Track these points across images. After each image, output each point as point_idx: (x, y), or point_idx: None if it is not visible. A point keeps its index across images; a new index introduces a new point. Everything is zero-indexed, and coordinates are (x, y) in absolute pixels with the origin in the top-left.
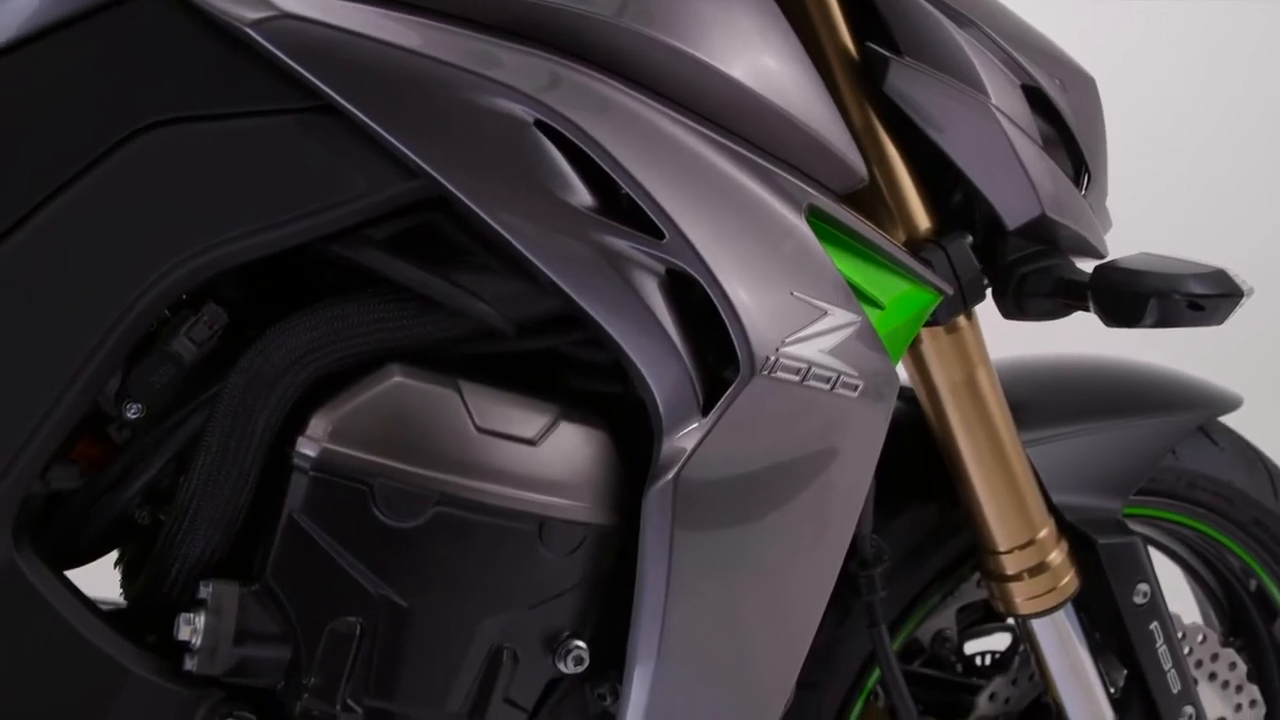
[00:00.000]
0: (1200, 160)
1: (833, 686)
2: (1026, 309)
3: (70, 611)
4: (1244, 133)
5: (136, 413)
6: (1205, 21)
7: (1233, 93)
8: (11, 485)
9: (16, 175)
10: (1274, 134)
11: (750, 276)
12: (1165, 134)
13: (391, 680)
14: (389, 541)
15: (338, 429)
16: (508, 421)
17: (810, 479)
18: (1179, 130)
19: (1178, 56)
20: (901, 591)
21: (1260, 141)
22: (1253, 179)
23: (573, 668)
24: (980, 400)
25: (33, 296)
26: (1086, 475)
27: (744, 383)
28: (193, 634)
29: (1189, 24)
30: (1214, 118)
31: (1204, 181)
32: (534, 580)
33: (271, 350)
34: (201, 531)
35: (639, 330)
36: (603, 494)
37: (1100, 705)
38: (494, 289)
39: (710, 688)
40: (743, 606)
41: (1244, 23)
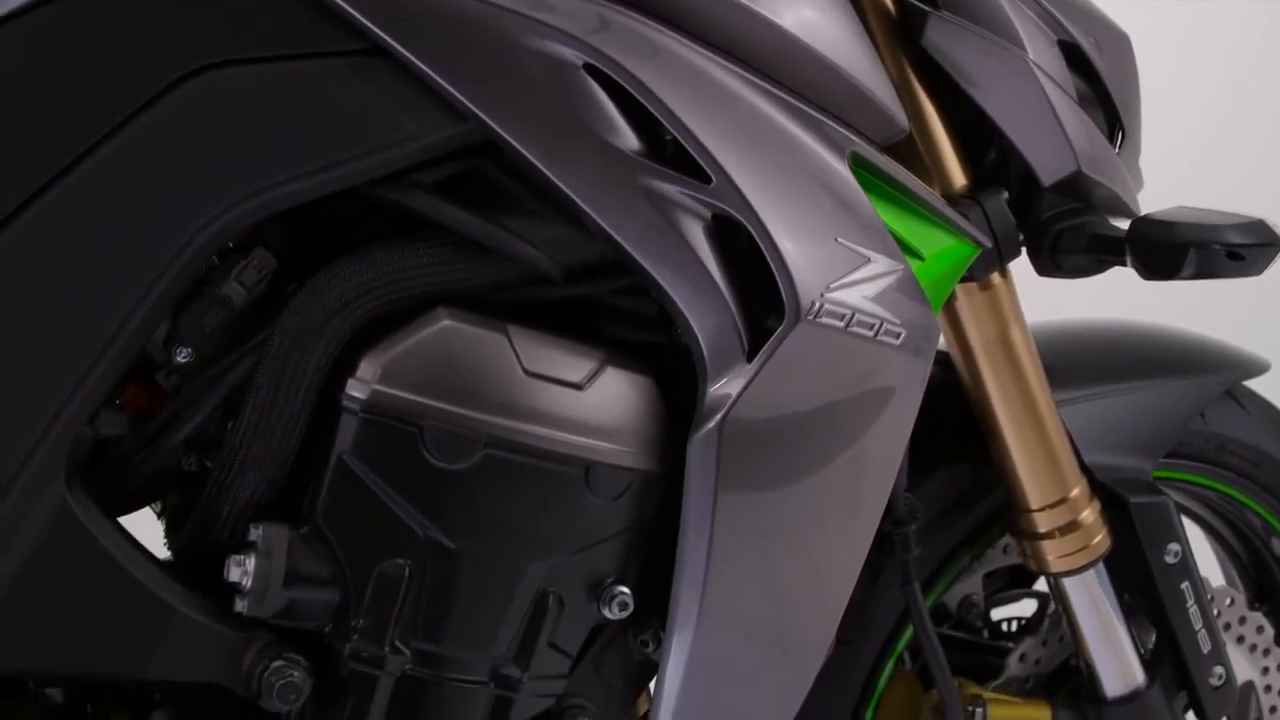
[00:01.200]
0: (1200, 160)
1: (867, 644)
2: (1062, 265)
3: (122, 553)
4: (1244, 133)
5: (186, 357)
6: (1205, 21)
7: (1233, 92)
8: (64, 428)
9: (68, 120)
10: (1274, 134)
11: (795, 221)
12: (1165, 134)
13: (439, 623)
14: (438, 483)
15: (387, 371)
16: (555, 366)
17: (852, 427)
18: (1179, 130)
19: (1177, 56)
20: (931, 553)
21: (1260, 141)
22: (1253, 179)
23: (617, 613)
24: (1014, 357)
25: (84, 241)
26: (1117, 436)
27: (789, 327)
28: (243, 576)
29: (1189, 24)
30: (1214, 118)
31: (1204, 182)
32: (580, 525)
33: (322, 293)
34: (251, 474)
35: (684, 275)
36: (648, 440)
37: (1131, 665)
38: (541, 233)
39: (752, 635)
40: (784, 556)
41: (1244, 23)
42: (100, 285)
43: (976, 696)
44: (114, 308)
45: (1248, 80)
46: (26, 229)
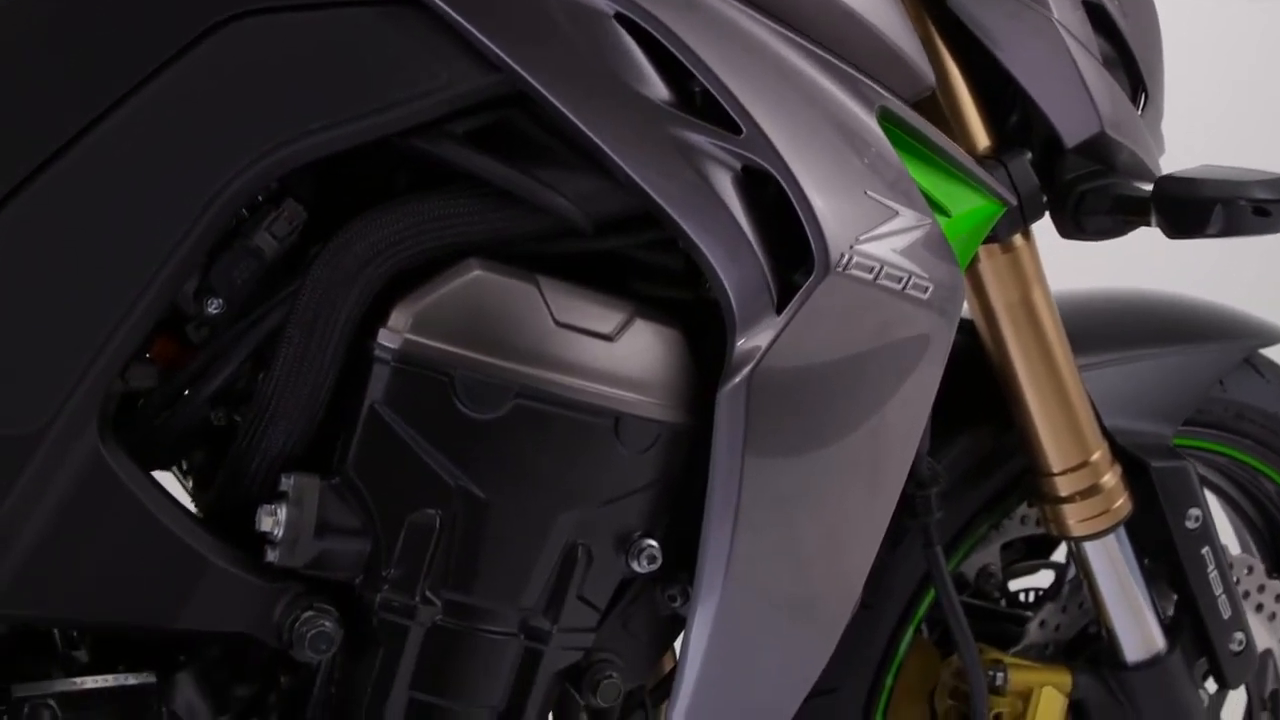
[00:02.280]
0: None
1: (888, 608)
2: (1085, 227)
3: (154, 503)
4: (1244, 132)
5: (218, 308)
6: (1205, 21)
7: (1233, 92)
8: (96, 378)
9: (100, 69)
10: (1275, 134)
11: (825, 173)
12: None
13: (470, 573)
14: (469, 433)
15: (419, 320)
16: (585, 317)
17: (880, 381)
18: (1178, 130)
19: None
20: (950, 520)
21: (1260, 141)
22: None
23: (646, 566)
24: (1036, 320)
25: (117, 190)
26: (1138, 401)
27: (819, 279)
28: (274, 525)
29: (1189, 23)
30: (1214, 117)
31: None
32: (609, 476)
33: (354, 242)
34: (282, 425)
35: (714, 226)
36: (676, 393)
37: (1151, 630)
38: (572, 185)
39: (777, 599)
40: (809, 520)
41: (1244, 22)
42: (132, 236)
43: (997, 661)
44: (145, 258)
45: (1247, 80)
46: (58, 180)
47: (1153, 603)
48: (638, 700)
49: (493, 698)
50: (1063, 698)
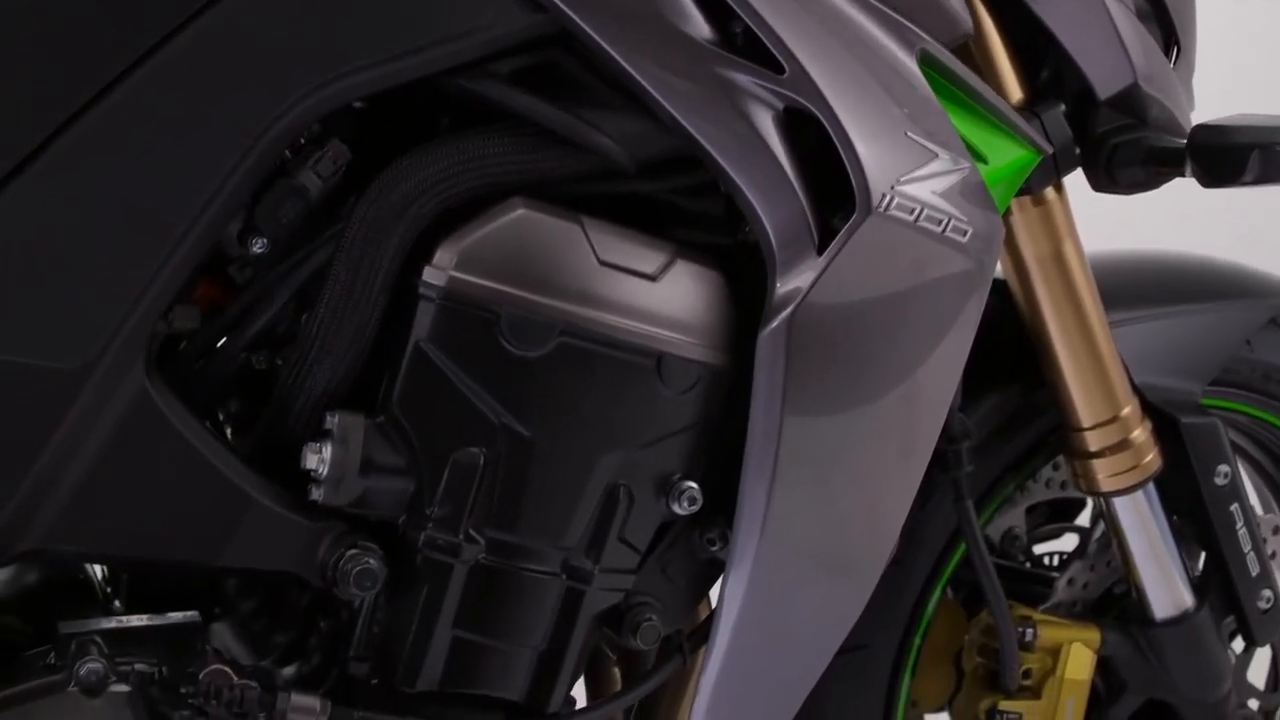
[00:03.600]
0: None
1: (917, 565)
2: (1118, 179)
3: (200, 441)
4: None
5: (262, 248)
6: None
7: (1232, 92)
8: (144, 315)
9: (146, 7)
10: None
11: (867, 114)
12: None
13: (513, 512)
14: (513, 370)
15: (465, 258)
16: (628, 256)
17: (919, 326)
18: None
19: None
20: (978, 479)
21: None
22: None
23: (686, 508)
24: (1068, 274)
25: (162, 129)
26: (1167, 358)
27: (860, 219)
28: (319, 464)
29: None
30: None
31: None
32: (650, 416)
33: (400, 180)
34: (327, 363)
35: (756, 166)
36: (717, 335)
37: (1180, 587)
38: (616, 125)
39: (812, 553)
40: (851, 462)
41: (1244, 23)
42: (178, 174)
43: (1026, 617)
44: (191, 196)
45: (1248, 80)
46: (104, 119)
47: (1181, 560)
48: (675, 645)
49: (535, 637)
50: (1091, 654)
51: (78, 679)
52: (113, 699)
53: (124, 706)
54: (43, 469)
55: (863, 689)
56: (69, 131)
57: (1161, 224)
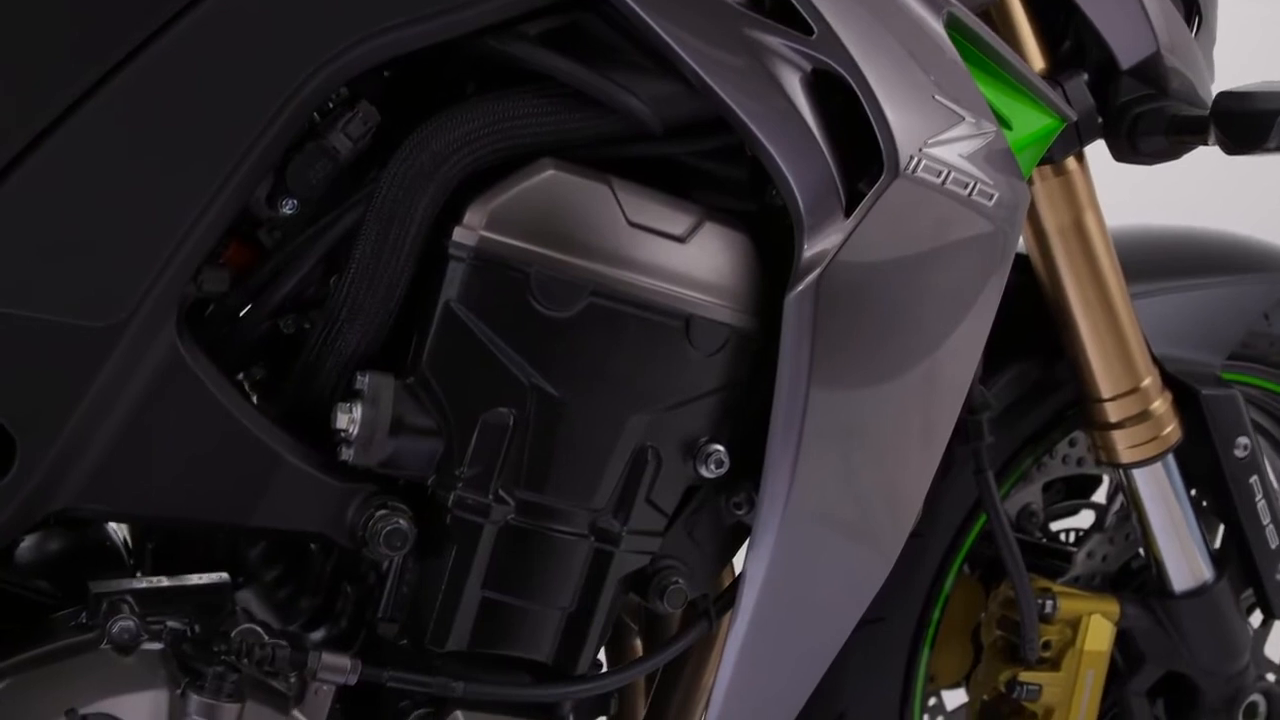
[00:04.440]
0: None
1: (936, 538)
2: (1141, 149)
3: (230, 401)
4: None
5: (292, 208)
6: None
7: None
8: (175, 274)
9: None
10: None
11: (895, 75)
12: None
13: (542, 472)
14: (543, 330)
15: (495, 218)
16: (657, 218)
17: (944, 290)
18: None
19: None
20: (997, 451)
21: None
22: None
23: (713, 471)
24: (1089, 244)
25: (193, 89)
26: (1185, 330)
27: (888, 181)
28: (349, 423)
29: None
30: None
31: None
32: (679, 378)
33: (431, 140)
34: (358, 323)
35: (784, 128)
36: (745, 297)
37: (1199, 559)
38: (645, 87)
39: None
40: (877, 427)
41: (1244, 22)
42: (209, 134)
43: (1046, 589)
44: (222, 156)
45: (1248, 79)
46: (135, 79)
47: (1200, 532)
48: (701, 610)
49: (563, 598)
50: (1111, 626)
51: (110, 637)
52: (145, 657)
53: (156, 664)
54: (75, 428)
55: (882, 662)
56: (100, 92)
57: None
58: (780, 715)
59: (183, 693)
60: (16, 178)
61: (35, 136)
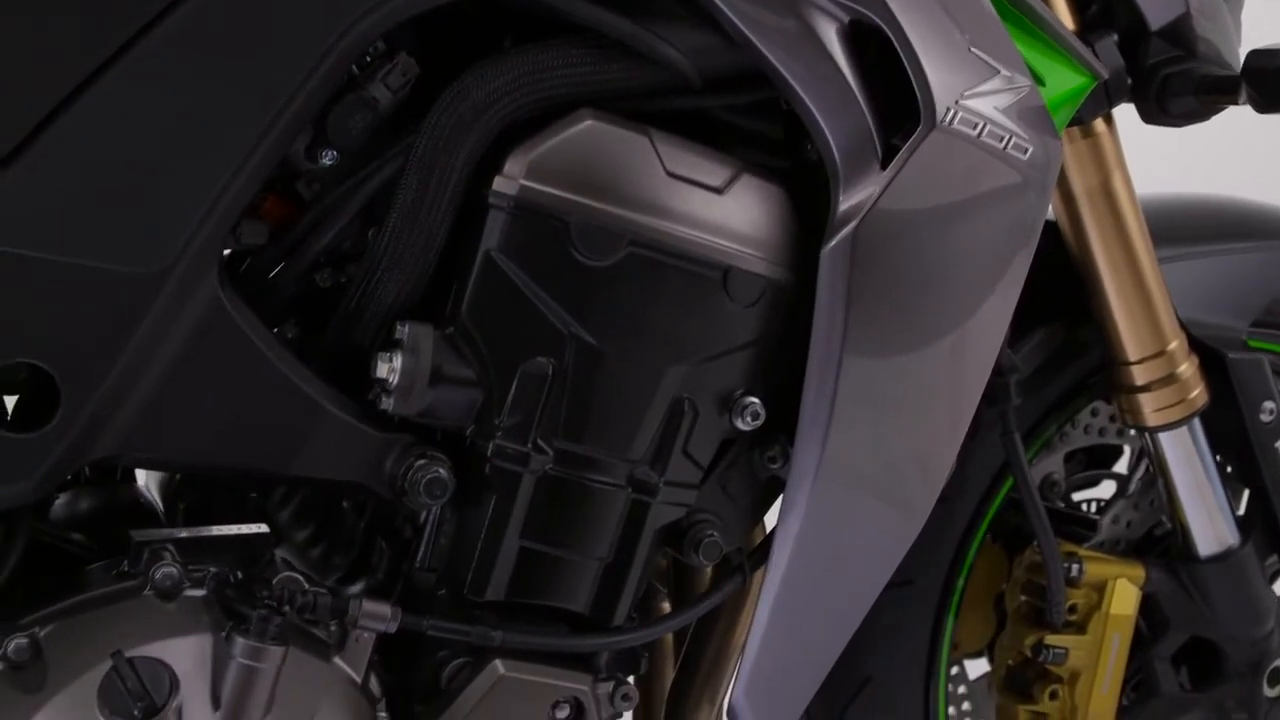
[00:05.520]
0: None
1: (963, 502)
2: (1170, 110)
3: (272, 350)
4: (1242, 128)
5: (332, 159)
6: None
7: None
8: (217, 223)
9: None
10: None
11: (931, 28)
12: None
13: (580, 422)
14: (583, 279)
15: (534, 167)
16: (695, 169)
17: (979, 244)
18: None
19: None
20: (1021, 418)
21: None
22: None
23: (749, 424)
24: (1116, 206)
25: (233, 40)
26: (1212, 295)
27: (925, 133)
28: (389, 373)
29: None
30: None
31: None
32: (716, 329)
33: (471, 90)
34: (397, 273)
35: (821, 79)
36: (781, 250)
37: (1224, 523)
38: (683, 38)
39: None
40: (910, 383)
41: (1243, 22)
42: (250, 85)
43: (1072, 554)
44: (264, 106)
45: None
46: (177, 29)
47: (1226, 497)
48: (735, 565)
49: (600, 549)
50: (1136, 590)
51: (153, 583)
52: (187, 603)
53: (200, 609)
54: (118, 375)
55: (908, 627)
56: (142, 42)
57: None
58: (812, 672)
59: (227, 636)
60: (61, 126)
61: (78, 86)
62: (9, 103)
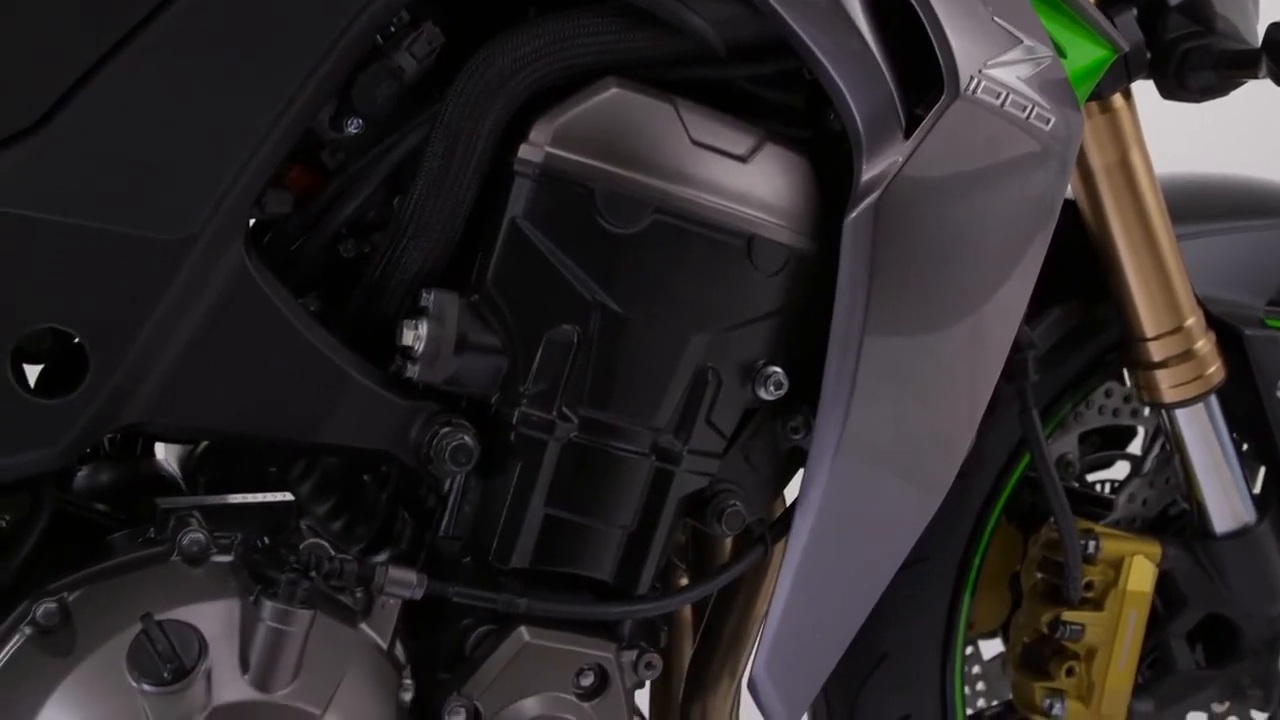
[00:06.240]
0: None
1: (979, 480)
2: (1189, 84)
3: (298, 317)
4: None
5: (357, 127)
6: None
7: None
8: (244, 190)
9: None
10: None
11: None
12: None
13: (605, 390)
14: (608, 247)
15: (560, 134)
16: (720, 138)
17: (1002, 215)
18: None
19: None
20: (1037, 396)
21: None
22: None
23: (772, 393)
24: (1134, 182)
25: (259, 9)
26: (1229, 272)
27: (949, 102)
28: (415, 340)
29: None
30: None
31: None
32: (740, 298)
33: (497, 57)
34: (423, 241)
35: (845, 49)
36: (805, 219)
37: (1240, 500)
38: (708, 7)
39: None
40: (931, 356)
41: None
42: (276, 54)
43: (1089, 530)
44: (288, 76)
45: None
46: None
47: (1242, 473)
48: (756, 535)
49: (624, 517)
50: (1153, 566)
51: (180, 549)
52: (215, 569)
53: (227, 575)
54: (146, 341)
55: (925, 604)
56: (170, 9)
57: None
58: (832, 646)
59: (255, 600)
60: (89, 93)
61: (106, 53)
62: (38, 70)
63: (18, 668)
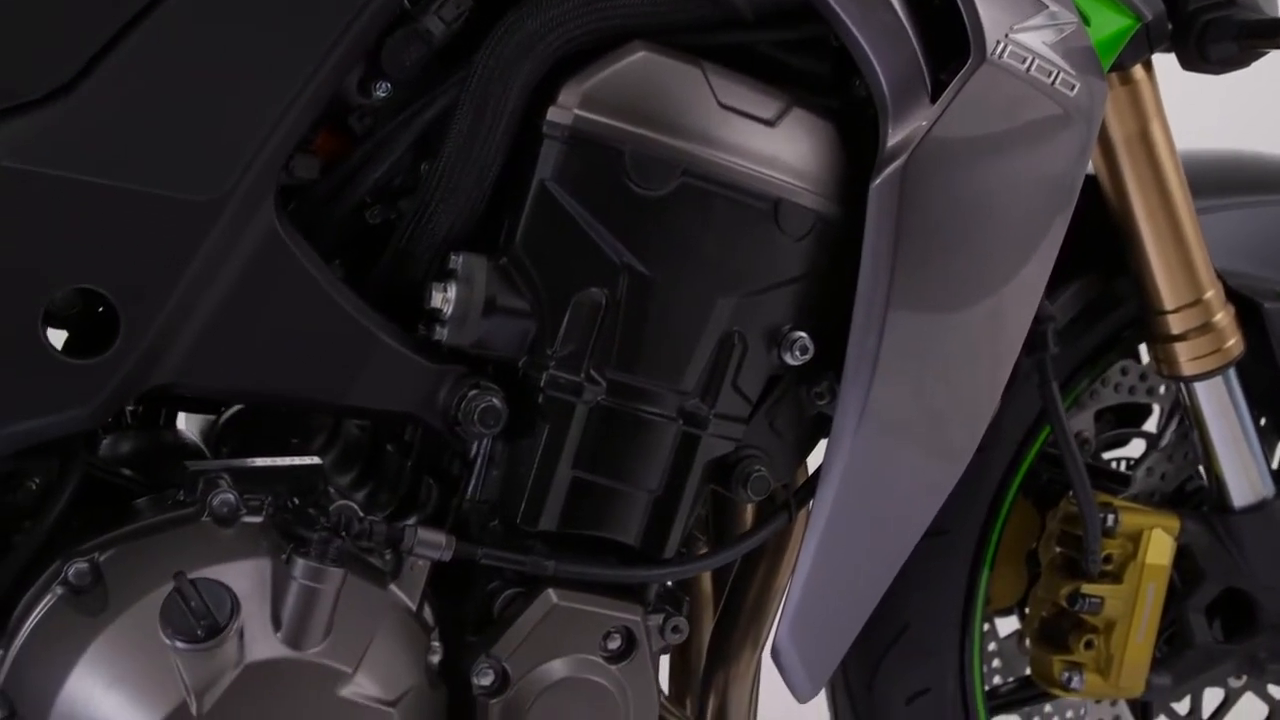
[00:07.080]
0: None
1: (998, 453)
2: (1209, 56)
3: (326, 280)
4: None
5: (385, 91)
6: None
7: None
8: (274, 152)
9: None
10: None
11: None
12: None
13: (633, 353)
14: (636, 209)
15: (588, 97)
16: (747, 101)
17: (1026, 180)
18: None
19: None
20: (1056, 369)
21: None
22: None
23: (798, 358)
24: (1154, 154)
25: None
26: (1248, 246)
27: (975, 66)
28: (444, 302)
29: None
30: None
31: None
32: (767, 262)
33: (526, 19)
34: (451, 204)
35: (871, 13)
36: (831, 184)
37: (1259, 473)
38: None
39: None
40: (956, 325)
41: None
42: (305, 16)
43: (1107, 504)
44: (317, 38)
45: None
46: None
47: (1261, 447)
48: (780, 502)
49: (651, 480)
50: (1171, 540)
51: (210, 509)
52: (245, 530)
53: (258, 535)
54: (177, 303)
55: (945, 576)
56: None
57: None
58: (855, 614)
59: (287, 559)
60: (120, 53)
61: (137, 13)
62: (70, 29)
63: (50, 627)
